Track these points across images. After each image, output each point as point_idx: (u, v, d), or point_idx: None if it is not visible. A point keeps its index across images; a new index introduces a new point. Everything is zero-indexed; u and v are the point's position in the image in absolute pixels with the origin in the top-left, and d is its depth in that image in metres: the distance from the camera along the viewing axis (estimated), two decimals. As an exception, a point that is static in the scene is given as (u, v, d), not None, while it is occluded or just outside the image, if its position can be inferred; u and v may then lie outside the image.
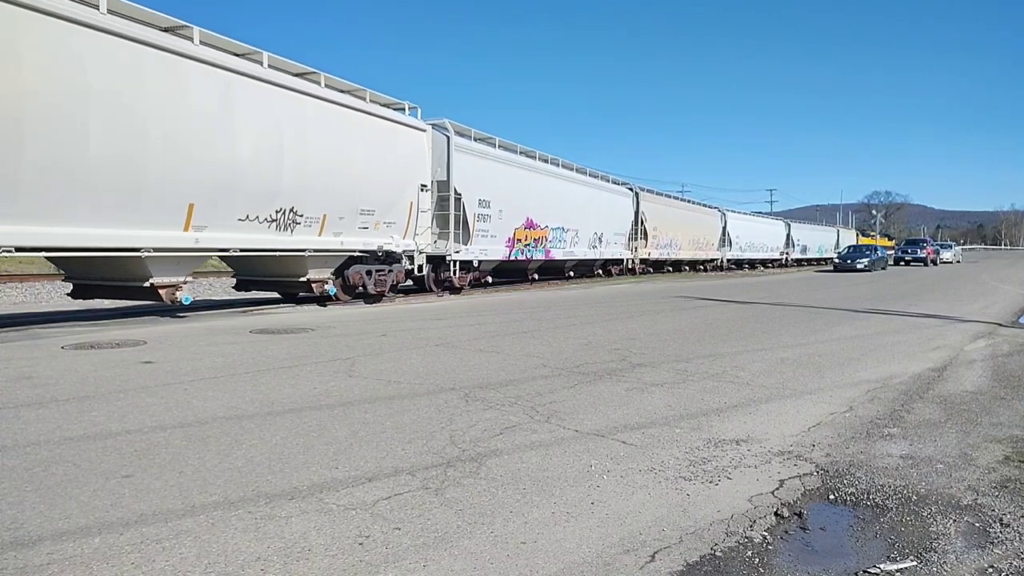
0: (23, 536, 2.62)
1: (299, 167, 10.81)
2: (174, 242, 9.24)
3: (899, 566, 2.52)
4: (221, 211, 9.74)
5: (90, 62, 7.92)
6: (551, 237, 20.13)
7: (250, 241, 10.32)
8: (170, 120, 8.87)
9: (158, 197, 8.88)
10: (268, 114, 10.30)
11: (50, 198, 7.76)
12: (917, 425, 4.45)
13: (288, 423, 4.28)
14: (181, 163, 9.04)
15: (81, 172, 7.96)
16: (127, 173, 8.45)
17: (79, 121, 7.87)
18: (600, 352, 7.19)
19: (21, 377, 5.65)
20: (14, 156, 7.33)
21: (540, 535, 2.71)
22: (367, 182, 12.39)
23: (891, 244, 69.71)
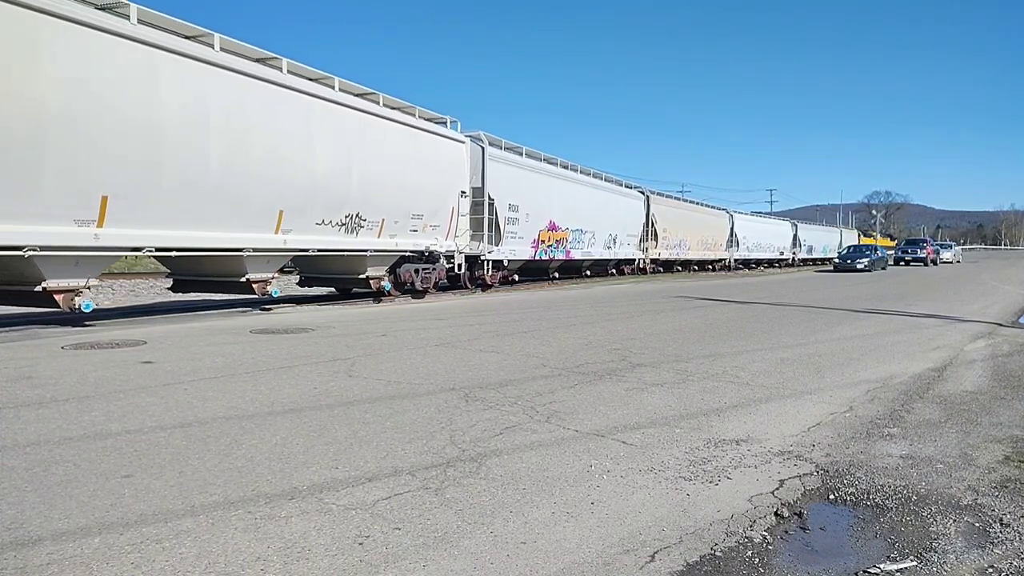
0: (23, 536, 2.62)
1: (364, 177, 12.35)
2: (268, 243, 10.77)
3: (899, 566, 2.52)
4: (303, 216, 11.27)
5: (209, 93, 9.50)
6: (571, 238, 21.49)
7: (324, 242, 11.87)
8: (267, 139, 10.42)
9: (257, 205, 10.44)
10: (339, 131, 11.85)
11: (180, 208, 9.25)
12: (917, 425, 4.45)
13: (288, 423, 4.28)
14: (275, 176, 10.59)
15: (203, 185, 9.47)
16: (237, 186, 9.99)
17: (202, 143, 9.39)
18: (600, 352, 7.19)
19: (21, 377, 5.65)
20: (156, 174, 8.84)
21: (540, 535, 2.70)
22: (417, 190, 13.89)
23: (892, 244, 69.73)
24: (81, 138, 8.00)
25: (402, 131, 13.51)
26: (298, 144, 10.99)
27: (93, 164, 8.17)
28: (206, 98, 9.44)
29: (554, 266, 21.59)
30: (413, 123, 13.91)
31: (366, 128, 12.48)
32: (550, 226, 20.13)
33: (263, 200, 10.49)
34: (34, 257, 7.91)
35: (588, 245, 22.85)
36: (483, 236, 16.40)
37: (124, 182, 8.52)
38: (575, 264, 22.98)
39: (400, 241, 13.78)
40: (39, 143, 7.65)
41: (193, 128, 9.26)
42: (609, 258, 25.05)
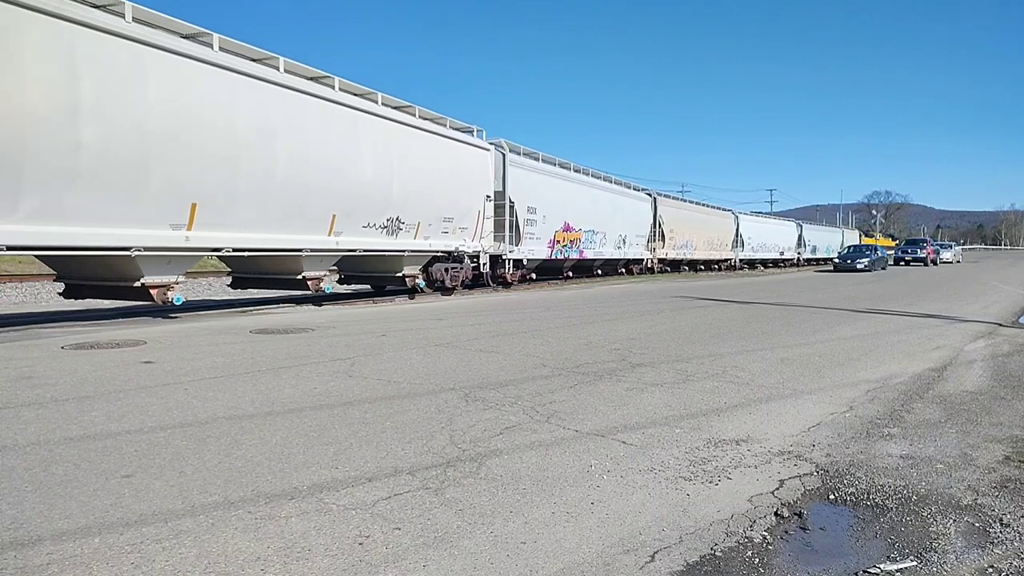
0: (23, 536, 2.62)
1: (403, 184, 13.51)
2: (322, 244, 11.90)
3: (899, 566, 2.52)
4: (352, 220, 12.39)
5: (275, 110, 10.68)
6: (584, 239, 22.61)
7: (369, 243, 13.04)
8: (321, 150, 11.49)
9: (313, 210, 11.53)
10: (382, 142, 13.03)
11: (252, 213, 10.41)
12: (917, 425, 4.45)
13: (288, 423, 4.28)
14: (328, 183, 11.69)
15: (270, 193, 10.64)
16: (297, 192, 11.12)
17: (270, 155, 10.57)
18: (600, 352, 7.19)
19: (21, 377, 5.65)
20: (234, 184, 10.00)
21: (540, 535, 2.70)
22: (449, 195, 15.07)
23: (893, 244, 69.76)
24: (176, 154, 9.15)
25: (436, 141, 14.67)
26: (348, 154, 12.15)
27: (185, 176, 9.32)
28: (272, 115, 10.64)
29: (568, 265, 22.60)
30: (445, 133, 15.06)
31: (405, 138, 13.65)
32: (565, 227, 21.21)
33: (318, 205, 11.64)
34: (137, 257, 9.04)
35: (600, 245, 23.89)
36: (504, 237, 17.56)
37: (209, 191, 9.67)
38: (587, 263, 23.98)
39: (433, 242, 14.88)
40: (145, 160, 8.80)
41: (262, 142, 10.45)
42: (619, 258, 26.03)
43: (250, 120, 10.23)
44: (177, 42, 9.24)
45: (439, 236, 15.00)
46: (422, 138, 14.18)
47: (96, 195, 8.35)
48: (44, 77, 7.77)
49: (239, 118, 10.04)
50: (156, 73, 8.87)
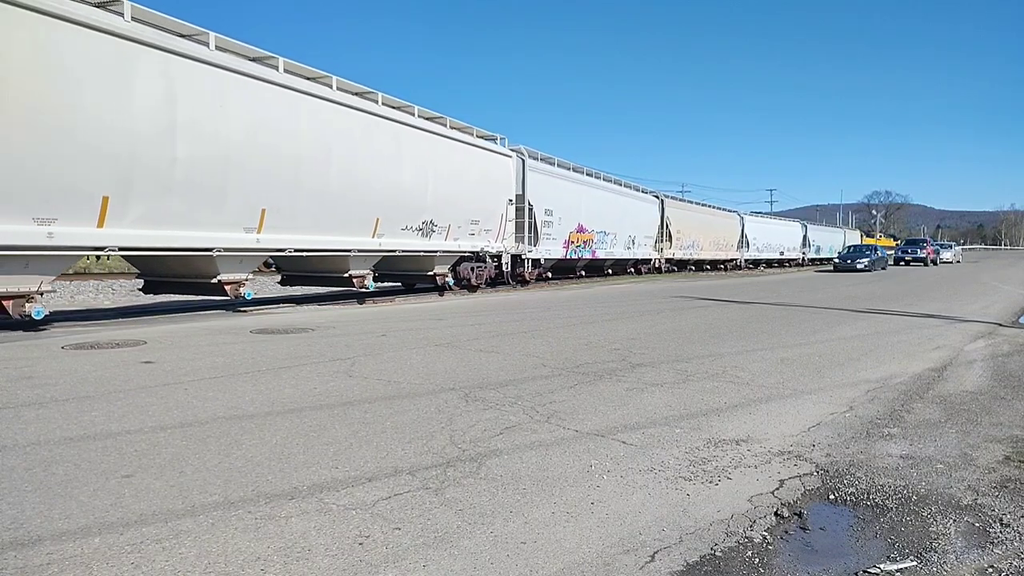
0: (23, 536, 2.62)
1: (436, 189, 14.64)
2: (367, 245, 13.08)
3: (899, 566, 2.52)
4: (392, 223, 13.56)
5: (329, 125, 11.82)
6: (596, 240, 23.68)
7: (406, 244, 14.17)
8: (367, 160, 12.73)
9: (360, 214, 12.72)
10: (419, 151, 14.16)
11: (311, 217, 11.55)
12: (917, 425, 4.45)
13: (288, 423, 4.28)
14: (373, 190, 12.88)
15: (326, 199, 11.82)
16: (347, 199, 12.30)
17: (325, 166, 11.72)
18: (600, 352, 7.19)
19: (21, 377, 5.65)
20: (296, 191, 11.14)
21: (540, 535, 2.70)
22: (475, 199, 16.22)
23: (895, 244, 69.80)
24: (250, 166, 10.33)
25: (464, 149, 15.87)
26: (389, 163, 13.31)
27: (257, 185, 10.51)
28: (327, 129, 11.81)
29: (581, 264, 23.67)
30: (472, 142, 16.25)
31: (437, 147, 14.81)
32: (579, 228, 22.24)
33: (364, 210, 12.82)
34: (217, 257, 10.20)
35: (611, 246, 24.96)
36: (524, 238, 18.60)
37: (276, 198, 10.87)
38: (599, 263, 25.04)
39: (461, 243, 16.02)
40: (226, 171, 9.98)
41: (320, 154, 11.63)
42: (628, 258, 27.08)
43: (310, 134, 11.42)
44: (250, 66, 10.44)
45: (466, 237, 16.14)
46: (453, 147, 15.40)
47: (187, 203, 9.51)
48: (149, 101, 8.91)
49: (301, 133, 11.25)
50: (235, 95, 10.08)
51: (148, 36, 8.85)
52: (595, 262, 24.50)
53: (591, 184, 23.54)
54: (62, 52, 7.91)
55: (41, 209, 7.88)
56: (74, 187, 8.14)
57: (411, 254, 14.53)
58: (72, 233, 8.22)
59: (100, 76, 8.33)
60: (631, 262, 27.80)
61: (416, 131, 14.13)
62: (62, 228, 8.09)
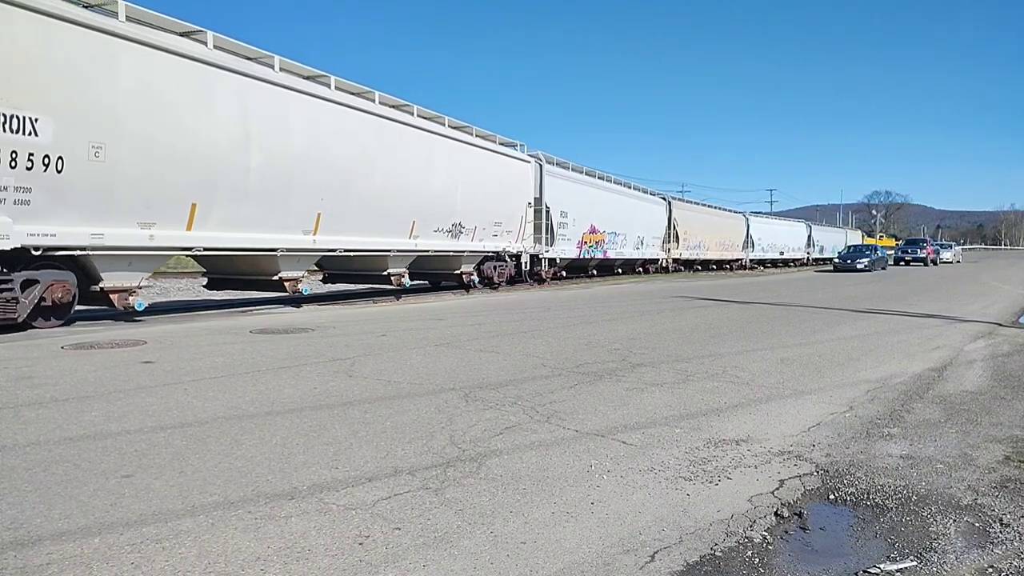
0: (23, 536, 2.62)
1: (464, 194, 15.93)
2: (404, 246, 14.36)
3: (899, 566, 2.52)
4: (426, 225, 14.86)
5: (375, 136, 13.19)
6: (607, 240, 24.93)
7: (438, 245, 15.49)
8: (405, 168, 13.99)
9: (398, 218, 14.08)
10: (449, 159, 15.43)
11: (358, 220, 12.81)
12: (917, 425, 4.45)
13: (288, 423, 4.28)
14: (409, 195, 14.14)
15: (371, 204, 13.09)
16: (389, 203, 13.59)
17: (371, 173, 13.01)
18: (600, 352, 7.19)
19: (21, 377, 5.64)
20: (347, 197, 12.46)
21: (540, 535, 2.70)
22: (498, 203, 17.54)
23: (896, 244, 69.88)
24: (308, 175, 11.52)
25: (488, 156, 17.21)
26: (423, 170, 14.58)
27: (313, 192, 11.71)
28: (372, 140, 13.08)
29: (593, 264, 24.80)
30: (495, 149, 17.59)
31: (465, 154, 16.09)
32: (591, 230, 23.49)
33: (402, 214, 14.09)
34: (280, 256, 11.39)
35: (621, 246, 26.24)
36: (541, 238, 19.88)
37: (329, 203, 12.02)
38: (610, 263, 26.18)
39: (485, 244, 17.26)
40: (289, 180, 11.23)
41: (366, 163, 12.91)
42: (637, 257, 28.26)
43: (357, 145, 12.67)
44: (307, 84, 11.66)
45: (490, 238, 17.41)
46: (478, 154, 16.70)
47: (258, 208, 10.76)
48: (228, 119, 10.18)
49: (349, 144, 12.46)
50: (295, 111, 11.33)
51: (225, 61, 10.15)
52: (606, 262, 25.60)
53: (603, 187, 24.69)
54: (160, 78, 9.17)
55: (144, 215, 9.16)
56: (169, 195, 9.43)
57: (442, 254, 15.82)
58: (167, 235, 9.54)
59: (188, 97, 9.61)
60: (640, 262, 28.82)
61: (446, 140, 15.42)
62: (160, 231, 9.38)
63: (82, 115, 8.29)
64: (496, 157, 17.52)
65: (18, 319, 8.21)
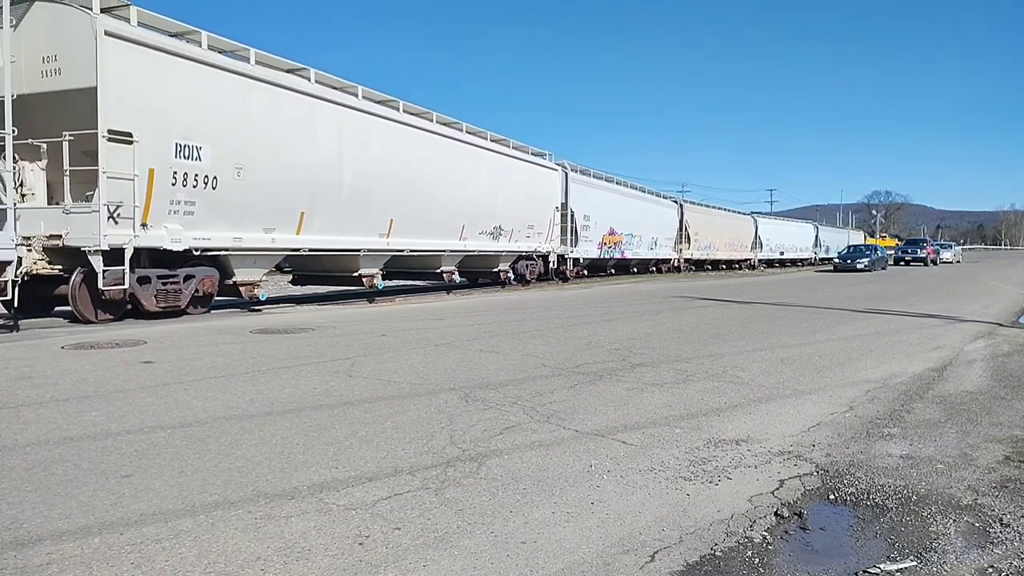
0: (23, 536, 2.62)
1: (503, 200, 18.15)
2: (455, 247, 16.55)
3: (899, 566, 2.52)
4: (472, 228, 17.04)
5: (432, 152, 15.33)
6: (624, 241, 26.74)
7: (483, 246, 17.69)
8: (458, 178, 16.23)
9: (452, 222, 16.25)
10: (491, 169, 17.71)
11: (421, 225, 15.01)
12: (917, 425, 4.45)
13: (288, 423, 4.28)
14: (462, 202, 16.38)
15: (431, 210, 15.33)
16: (444, 208, 15.81)
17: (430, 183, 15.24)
18: (600, 352, 7.19)
19: (21, 377, 5.65)
20: (411, 204, 14.60)
21: (540, 535, 2.70)
22: (531, 207, 19.76)
23: (896, 244, 69.96)
24: (383, 186, 13.73)
25: (523, 166, 19.51)
26: (471, 179, 16.80)
27: (387, 201, 13.89)
28: (431, 155, 15.17)
29: (611, 264, 26.59)
30: (528, 159, 19.87)
31: (504, 165, 18.39)
32: (610, 232, 25.31)
33: (454, 218, 16.25)
34: (360, 256, 13.63)
35: (636, 247, 28.04)
36: (566, 240, 21.83)
37: (398, 210, 14.20)
38: (626, 262, 27.91)
39: (520, 244, 19.39)
40: (369, 191, 13.41)
41: (426, 175, 15.03)
42: (651, 258, 29.89)
43: (419, 159, 14.78)
44: (381, 108, 13.88)
45: (524, 239, 19.54)
46: (515, 164, 19.00)
47: (347, 215, 12.90)
48: (327, 141, 12.30)
49: (414, 158, 14.60)
50: (374, 132, 13.53)
51: (324, 93, 12.33)
52: (623, 261, 27.39)
53: (620, 192, 26.80)
54: (278, 110, 11.33)
55: (267, 222, 11.34)
56: (285, 206, 11.60)
57: (485, 253, 18.03)
58: (283, 238, 11.69)
59: (298, 124, 11.69)
60: (653, 261, 30.39)
61: (489, 152, 17.74)
62: (278, 235, 11.58)
63: (228, 143, 10.41)
64: (529, 167, 19.81)
65: (180, 306, 10.34)
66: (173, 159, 9.62)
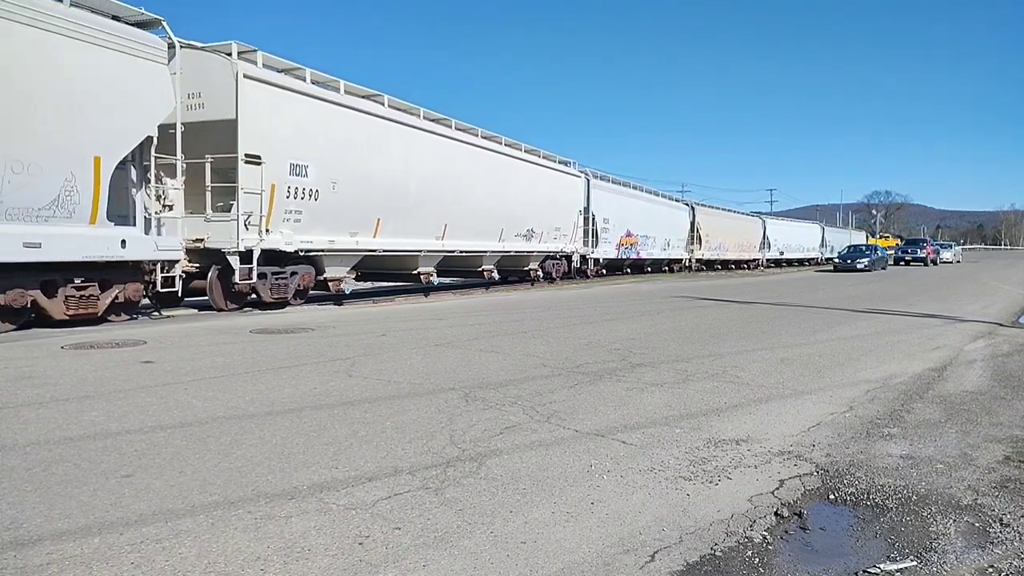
0: (23, 536, 2.62)
1: (535, 205, 20.05)
2: (494, 248, 18.43)
3: (899, 566, 2.52)
4: (509, 231, 18.95)
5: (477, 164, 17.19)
6: (640, 242, 28.36)
7: (517, 247, 19.55)
8: (497, 186, 18.05)
9: (493, 225, 18.03)
10: (525, 177, 19.62)
11: (467, 228, 16.74)
12: (917, 425, 4.45)
13: (288, 423, 4.28)
14: (500, 208, 18.20)
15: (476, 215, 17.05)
16: (487, 214, 17.60)
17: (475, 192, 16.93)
18: (600, 352, 7.19)
19: (21, 377, 5.65)
20: (460, 211, 16.30)
21: (540, 535, 2.70)
22: (558, 211, 21.67)
23: (896, 244, 70.01)
24: (439, 195, 15.54)
25: (551, 174, 21.39)
26: (509, 187, 18.60)
27: (441, 207, 15.66)
28: (476, 167, 17.06)
29: (627, 263, 28.17)
30: (555, 167, 21.75)
31: (535, 173, 20.26)
32: (627, 233, 26.95)
33: (494, 222, 18.10)
34: (420, 256, 15.51)
35: (651, 248, 29.59)
36: (588, 241, 23.54)
37: (451, 216, 16.00)
38: (641, 262, 29.40)
39: (548, 246, 21.17)
40: (427, 199, 15.15)
41: (472, 185, 16.87)
42: (664, 258, 31.34)
43: (467, 170, 16.59)
44: (436, 126, 15.63)
45: (551, 241, 21.30)
46: (545, 173, 20.92)
47: (411, 221, 14.77)
48: (398, 157, 14.25)
49: (463, 170, 16.41)
50: (431, 147, 15.32)
51: (395, 116, 14.32)
52: (638, 261, 28.97)
53: (636, 196, 28.58)
54: (358, 131, 13.17)
55: (353, 227, 13.24)
56: (366, 213, 13.53)
57: (519, 253, 19.88)
58: (364, 241, 13.61)
59: (375, 144, 13.61)
60: (666, 261, 31.89)
61: (523, 163, 19.60)
62: (360, 238, 13.47)
63: (326, 161, 12.28)
64: (556, 174, 21.78)
65: (287, 298, 12.12)
66: (288, 176, 11.54)
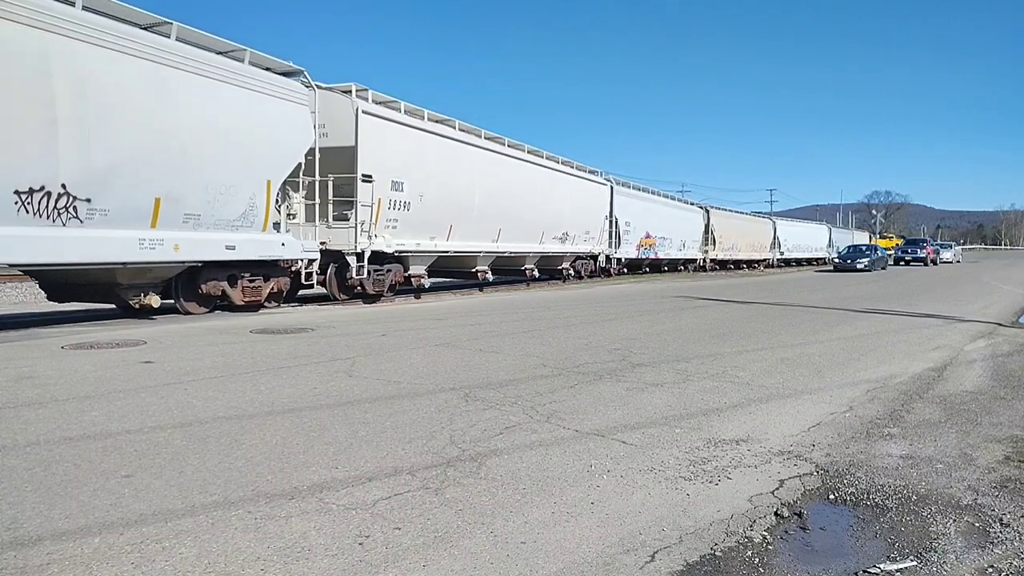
0: (23, 536, 2.62)
1: (569, 211, 22.09)
2: (535, 249, 20.40)
3: (899, 566, 2.52)
4: (548, 234, 21.01)
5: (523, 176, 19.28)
6: (658, 244, 30.13)
7: (554, 248, 21.61)
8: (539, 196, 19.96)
9: (535, 230, 20.12)
10: (561, 187, 21.59)
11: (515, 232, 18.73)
12: (917, 425, 4.45)
13: (288, 423, 4.28)
14: (541, 215, 20.14)
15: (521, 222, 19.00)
16: (530, 220, 19.55)
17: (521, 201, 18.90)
18: (600, 352, 7.19)
19: (21, 377, 5.65)
20: (508, 218, 18.28)
21: (540, 535, 2.70)
22: (588, 216, 23.76)
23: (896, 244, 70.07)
24: (495, 204, 17.51)
25: (582, 184, 23.52)
26: (548, 195, 20.60)
27: (497, 214, 17.69)
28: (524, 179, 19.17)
29: (646, 263, 29.99)
30: (585, 177, 23.84)
31: (569, 183, 22.36)
32: (646, 235, 28.78)
33: (536, 227, 20.10)
34: (479, 256, 17.64)
35: (668, 248, 31.35)
36: (612, 243, 25.74)
37: (503, 222, 18.01)
38: (659, 262, 31.08)
39: (579, 247, 23.39)
40: (485, 208, 17.09)
41: (520, 195, 18.74)
42: (680, 258, 33.02)
43: (516, 182, 18.66)
44: (491, 144, 17.78)
45: (582, 243, 23.45)
46: (577, 182, 23.04)
47: (471, 227, 16.79)
48: (466, 173, 16.36)
49: (512, 182, 18.53)
50: (491, 163, 17.50)
51: (465, 138, 16.49)
52: (656, 261, 30.69)
53: (654, 200, 30.55)
54: (438, 152, 15.31)
55: (432, 232, 15.47)
56: (441, 221, 15.67)
57: (555, 254, 21.96)
58: (440, 243, 15.83)
59: (449, 161, 15.75)
60: (682, 261, 33.57)
61: (561, 174, 21.72)
62: (436, 241, 15.70)
63: (415, 178, 14.44)
64: (586, 183, 23.97)
65: (384, 291, 14.06)
66: (390, 191, 13.74)
